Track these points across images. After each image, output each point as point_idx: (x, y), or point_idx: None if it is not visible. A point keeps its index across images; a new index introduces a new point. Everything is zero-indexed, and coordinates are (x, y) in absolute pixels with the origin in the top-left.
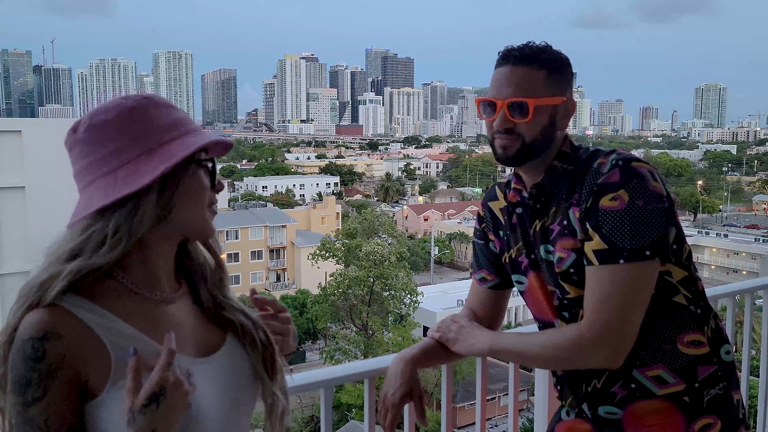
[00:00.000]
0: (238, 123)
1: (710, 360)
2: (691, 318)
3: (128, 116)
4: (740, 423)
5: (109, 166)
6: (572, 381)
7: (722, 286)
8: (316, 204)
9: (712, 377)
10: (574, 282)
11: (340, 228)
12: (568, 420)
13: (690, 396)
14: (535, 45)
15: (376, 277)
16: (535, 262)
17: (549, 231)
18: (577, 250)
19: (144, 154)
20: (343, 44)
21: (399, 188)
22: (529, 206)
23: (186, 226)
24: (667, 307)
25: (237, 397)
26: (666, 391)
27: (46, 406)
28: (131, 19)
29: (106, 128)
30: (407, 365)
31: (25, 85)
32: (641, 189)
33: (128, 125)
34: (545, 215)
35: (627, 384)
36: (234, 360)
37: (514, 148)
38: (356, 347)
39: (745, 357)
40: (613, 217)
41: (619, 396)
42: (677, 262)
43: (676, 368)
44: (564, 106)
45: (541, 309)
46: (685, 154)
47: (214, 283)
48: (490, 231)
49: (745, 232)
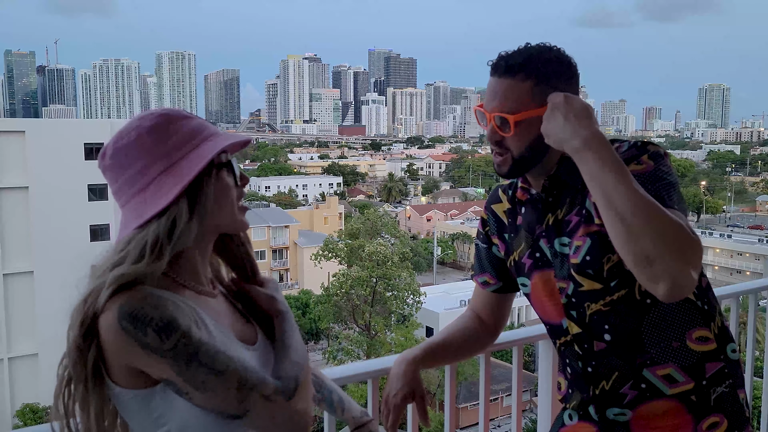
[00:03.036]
0: (241, 123)
1: (717, 357)
2: (699, 313)
3: (147, 136)
4: (746, 422)
5: (137, 186)
6: (581, 382)
7: (726, 287)
8: (318, 204)
9: (719, 375)
10: (589, 275)
11: (342, 228)
12: (571, 424)
13: (697, 395)
14: (525, 51)
15: (379, 278)
16: (542, 259)
17: (564, 223)
18: (596, 233)
19: (167, 170)
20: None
21: (402, 188)
22: (540, 200)
23: (220, 224)
24: (676, 303)
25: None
26: (675, 391)
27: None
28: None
29: (129, 151)
30: (409, 366)
31: (28, 86)
32: (663, 160)
33: (149, 145)
34: (558, 207)
35: (637, 384)
36: (268, 350)
37: (507, 165)
38: (359, 348)
39: (748, 357)
40: (643, 178)
41: (629, 397)
42: None
43: (686, 366)
44: None
45: (547, 310)
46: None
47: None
48: (494, 234)
49: (749, 233)
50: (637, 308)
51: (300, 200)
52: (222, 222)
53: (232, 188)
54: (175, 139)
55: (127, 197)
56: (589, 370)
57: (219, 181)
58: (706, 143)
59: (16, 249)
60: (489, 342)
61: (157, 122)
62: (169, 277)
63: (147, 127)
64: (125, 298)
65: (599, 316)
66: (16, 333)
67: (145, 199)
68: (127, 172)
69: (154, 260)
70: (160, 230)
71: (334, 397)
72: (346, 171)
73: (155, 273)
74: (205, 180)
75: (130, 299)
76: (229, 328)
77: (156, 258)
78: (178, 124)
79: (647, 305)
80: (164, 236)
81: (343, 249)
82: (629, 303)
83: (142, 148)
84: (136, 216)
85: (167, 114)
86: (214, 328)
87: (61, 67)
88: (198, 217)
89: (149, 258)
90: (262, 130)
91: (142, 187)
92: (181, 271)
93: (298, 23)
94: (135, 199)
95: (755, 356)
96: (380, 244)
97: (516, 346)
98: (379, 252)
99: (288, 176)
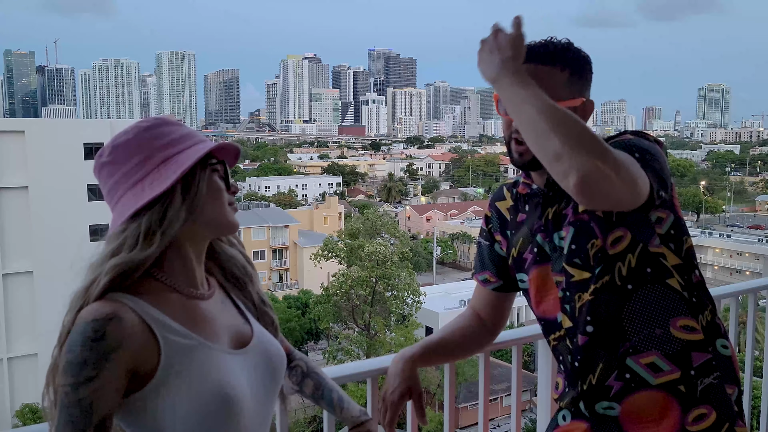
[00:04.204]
0: (241, 123)
1: (705, 348)
2: (685, 303)
3: (145, 134)
4: (736, 416)
5: (134, 178)
6: (572, 378)
7: (725, 286)
8: (318, 204)
9: (706, 365)
10: (577, 264)
11: (342, 228)
12: (564, 425)
13: (685, 385)
14: (558, 42)
15: (379, 278)
16: (541, 254)
17: (563, 216)
18: (575, 222)
19: (163, 163)
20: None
21: (401, 188)
22: (542, 194)
23: (212, 222)
24: (660, 289)
25: (266, 386)
26: (661, 380)
27: (97, 388)
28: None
29: (128, 146)
30: (406, 364)
31: (28, 86)
32: (645, 138)
33: (146, 141)
34: (557, 202)
35: (621, 374)
36: (262, 351)
37: (530, 154)
38: (359, 347)
39: (748, 357)
40: (618, 145)
41: (615, 389)
42: (675, 250)
43: (670, 354)
44: (582, 108)
45: (544, 305)
46: (688, 155)
47: (244, 278)
48: (496, 232)
49: (749, 233)
50: (619, 295)
51: (300, 200)
52: (213, 218)
53: (223, 191)
54: (172, 137)
55: (123, 191)
56: (576, 364)
57: (212, 181)
58: (706, 143)
59: (16, 249)
60: (488, 341)
61: (154, 123)
62: (159, 280)
63: (145, 127)
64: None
65: (586, 307)
66: (15, 333)
67: (142, 188)
68: (125, 167)
69: (147, 247)
70: (152, 218)
71: (333, 396)
72: (345, 171)
73: (149, 259)
74: (199, 174)
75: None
76: (219, 332)
77: (148, 245)
78: (174, 126)
79: (628, 291)
80: (156, 224)
81: (342, 249)
82: (611, 290)
83: (140, 144)
84: (132, 205)
85: (164, 118)
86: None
87: (61, 67)
88: (188, 206)
89: (143, 244)
90: (261, 130)
91: (139, 178)
92: (175, 273)
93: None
94: (131, 191)
95: (755, 356)
96: (380, 244)
97: (515, 346)
98: (378, 252)
99: (288, 176)
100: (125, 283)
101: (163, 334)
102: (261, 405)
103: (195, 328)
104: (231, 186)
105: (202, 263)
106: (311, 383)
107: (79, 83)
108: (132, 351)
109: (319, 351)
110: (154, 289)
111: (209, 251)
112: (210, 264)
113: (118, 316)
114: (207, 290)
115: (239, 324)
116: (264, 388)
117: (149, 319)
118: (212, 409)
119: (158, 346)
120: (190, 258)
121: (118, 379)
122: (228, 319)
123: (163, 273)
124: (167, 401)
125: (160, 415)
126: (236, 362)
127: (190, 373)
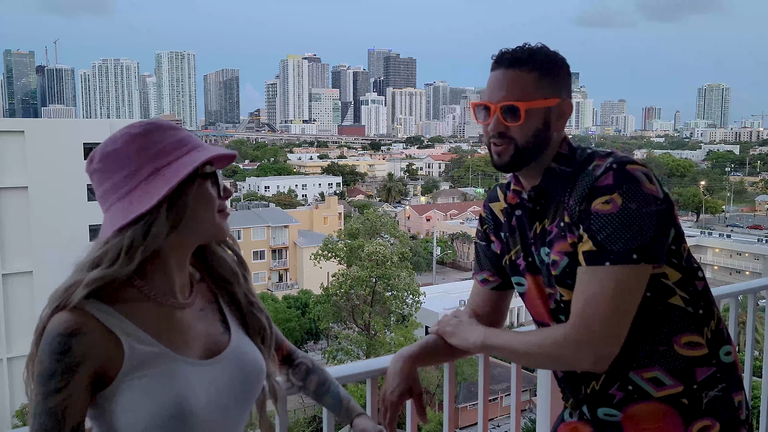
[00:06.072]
0: (241, 123)
1: (709, 362)
2: (689, 319)
3: (134, 143)
4: (741, 424)
5: (122, 190)
6: (572, 382)
7: (725, 287)
8: (318, 204)
9: (710, 379)
10: (569, 285)
11: (342, 228)
12: (570, 421)
13: (688, 398)
14: (527, 47)
15: (379, 278)
16: (532, 264)
17: (547, 233)
18: (569, 253)
19: (151, 176)
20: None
21: (401, 188)
22: (528, 208)
23: (198, 231)
24: (662, 309)
25: (236, 396)
26: (663, 393)
27: (66, 397)
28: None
29: (117, 156)
30: (406, 363)
31: (28, 86)
32: (635, 192)
33: (135, 151)
34: (545, 217)
35: (624, 386)
36: (235, 361)
37: (508, 154)
38: (358, 347)
39: (747, 357)
40: (604, 219)
41: (617, 398)
42: (677, 264)
43: (673, 370)
44: (558, 108)
45: (538, 311)
46: (687, 155)
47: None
48: (491, 232)
49: (748, 233)
50: None
51: (299, 200)
52: (200, 229)
53: (214, 199)
54: (162, 146)
55: (112, 201)
56: (578, 371)
57: (202, 190)
58: (706, 143)
59: (16, 249)
60: None
61: (146, 129)
62: (135, 287)
63: (135, 135)
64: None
65: None
66: (15, 333)
67: (130, 201)
68: (114, 177)
69: (127, 263)
70: (136, 235)
71: (340, 390)
72: (345, 171)
73: (125, 274)
74: (186, 189)
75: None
76: (190, 341)
77: (129, 261)
78: (165, 133)
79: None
80: (139, 240)
81: (342, 249)
82: None
83: (130, 155)
84: (120, 218)
85: (155, 123)
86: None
87: (61, 67)
88: (173, 221)
89: (123, 260)
90: (261, 130)
91: (127, 191)
92: (153, 282)
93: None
94: (119, 203)
95: (754, 356)
96: (380, 244)
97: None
98: (378, 252)
99: (287, 176)
100: (103, 291)
101: (129, 342)
102: (227, 415)
103: (164, 336)
104: (223, 191)
105: (184, 270)
106: (316, 378)
107: (79, 83)
108: (97, 360)
109: (319, 351)
110: (130, 297)
111: (200, 252)
112: (200, 266)
113: (82, 332)
114: (186, 298)
115: (216, 333)
116: (234, 398)
117: (116, 329)
118: (166, 417)
119: (123, 353)
120: (171, 266)
121: (86, 390)
122: (205, 328)
123: (141, 281)
124: (125, 404)
125: (117, 416)
126: (200, 373)
127: (150, 380)
